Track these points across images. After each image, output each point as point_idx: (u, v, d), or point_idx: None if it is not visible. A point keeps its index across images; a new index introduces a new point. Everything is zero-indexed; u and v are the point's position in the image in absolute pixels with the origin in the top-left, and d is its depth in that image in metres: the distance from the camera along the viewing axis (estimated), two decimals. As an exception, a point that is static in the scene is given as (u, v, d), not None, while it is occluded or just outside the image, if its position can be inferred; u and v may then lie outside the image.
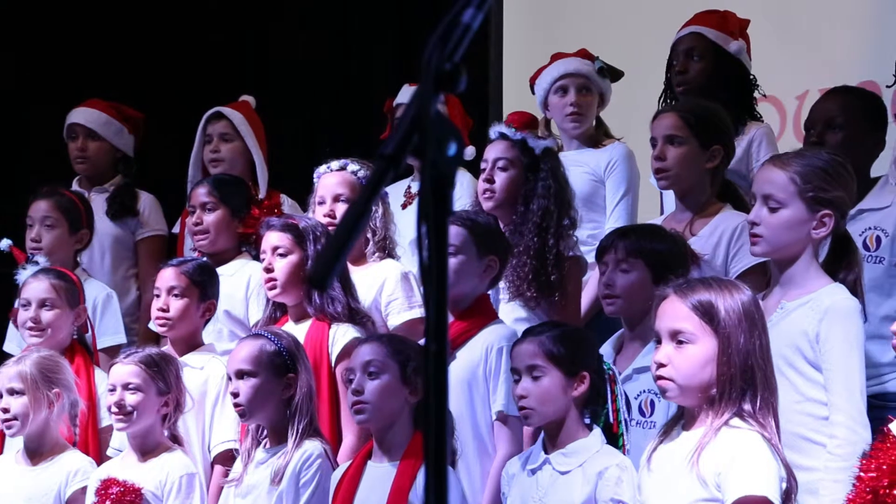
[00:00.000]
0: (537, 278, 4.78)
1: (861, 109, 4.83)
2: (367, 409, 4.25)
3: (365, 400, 4.24)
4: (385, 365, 4.25)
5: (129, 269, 6.17)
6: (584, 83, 5.56)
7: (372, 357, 4.26)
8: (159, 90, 7.31)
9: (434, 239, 1.75)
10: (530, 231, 4.83)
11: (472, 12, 1.75)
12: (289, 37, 7.80)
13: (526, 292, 4.78)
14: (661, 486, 3.43)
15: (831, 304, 3.83)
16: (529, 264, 4.78)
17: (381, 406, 4.23)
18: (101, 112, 6.29)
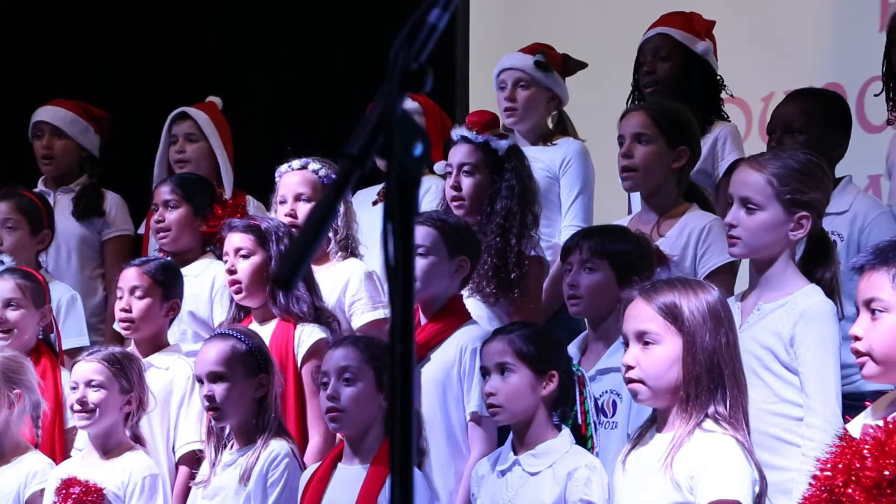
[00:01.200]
0: (497, 276, 4.79)
1: (821, 112, 4.84)
2: (342, 417, 4.24)
3: (341, 407, 4.23)
4: (361, 371, 4.24)
5: (96, 270, 6.14)
6: (521, 77, 5.52)
7: (348, 363, 4.25)
8: (126, 90, 7.28)
9: (400, 239, 1.74)
10: (493, 231, 4.84)
11: (437, 13, 1.75)
12: (255, 37, 7.79)
13: (485, 289, 4.80)
14: (635, 488, 3.44)
15: (807, 307, 3.84)
16: (490, 262, 4.80)
17: (357, 413, 4.23)
18: (67, 111, 6.26)
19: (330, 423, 4.31)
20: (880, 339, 3.05)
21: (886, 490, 2.91)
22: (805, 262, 3.95)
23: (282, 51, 7.79)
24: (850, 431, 3.09)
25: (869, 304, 3.07)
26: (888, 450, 2.93)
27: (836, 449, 3.05)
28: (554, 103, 5.58)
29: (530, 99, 5.52)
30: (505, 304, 4.85)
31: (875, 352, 3.06)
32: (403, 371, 1.72)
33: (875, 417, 3.08)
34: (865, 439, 2.99)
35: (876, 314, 3.06)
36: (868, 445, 2.96)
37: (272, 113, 7.76)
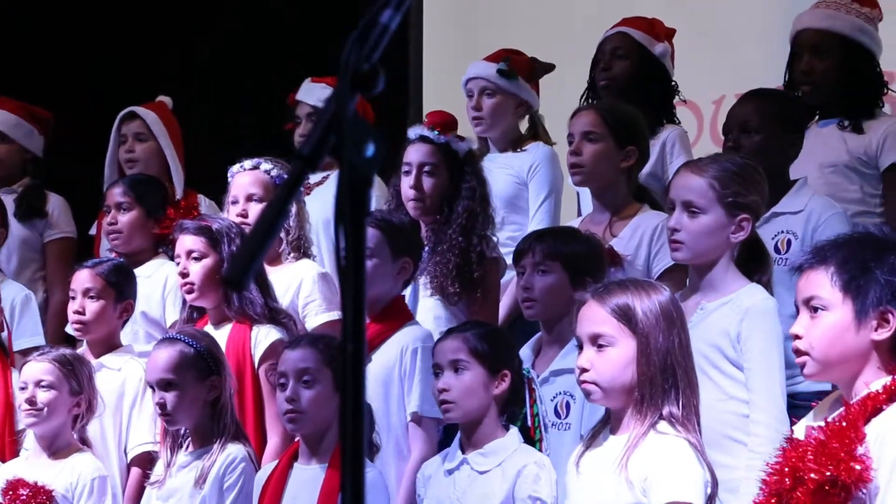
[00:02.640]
0: (461, 275, 4.80)
1: (776, 112, 4.87)
2: (301, 419, 4.23)
3: (300, 409, 4.23)
4: (320, 372, 4.23)
5: (37, 272, 6.09)
6: (486, 86, 5.55)
7: (306, 365, 4.24)
8: (75, 90, 7.24)
9: (351, 240, 1.75)
10: (455, 231, 4.84)
11: (389, 13, 1.75)
12: (205, 36, 7.76)
13: (448, 288, 4.80)
14: (590, 489, 3.45)
15: (751, 304, 3.88)
16: (453, 261, 4.80)
17: (316, 415, 4.22)
18: (11, 114, 6.20)
19: (288, 423, 4.30)
20: (820, 338, 3.07)
21: (830, 491, 2.93)
22: (741, 266, 3.99)
23: (233, 50, 7.77)
24: (795, 434, 3.11)
25: (808, 303, 3.10)
26: (829, 450, 2.95)
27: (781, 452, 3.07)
28: (523, 108, 5.60)
29: (496, 107, 5.54)
30: (464, 305, 4.85)
31: (815, 350, 3.08)
32: (355, 370, 1.72)
33: (818, 419, 3.10)
34: (809, 441, 3.01)
35: (815, 313, 3.08)
36: (811, 448, 2.98)
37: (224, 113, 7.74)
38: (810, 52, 5.11)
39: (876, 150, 5.01)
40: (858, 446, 2.94)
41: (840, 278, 3.05)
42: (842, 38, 5.08)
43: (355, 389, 1.71)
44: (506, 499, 3.96)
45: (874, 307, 3.03)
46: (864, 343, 3.05)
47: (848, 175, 5.03)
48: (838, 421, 2.99)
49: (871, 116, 5.07)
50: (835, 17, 5.13)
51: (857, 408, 2.99)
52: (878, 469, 2.93)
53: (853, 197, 5.01)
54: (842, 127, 5.06)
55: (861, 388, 3.04)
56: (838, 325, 3.06)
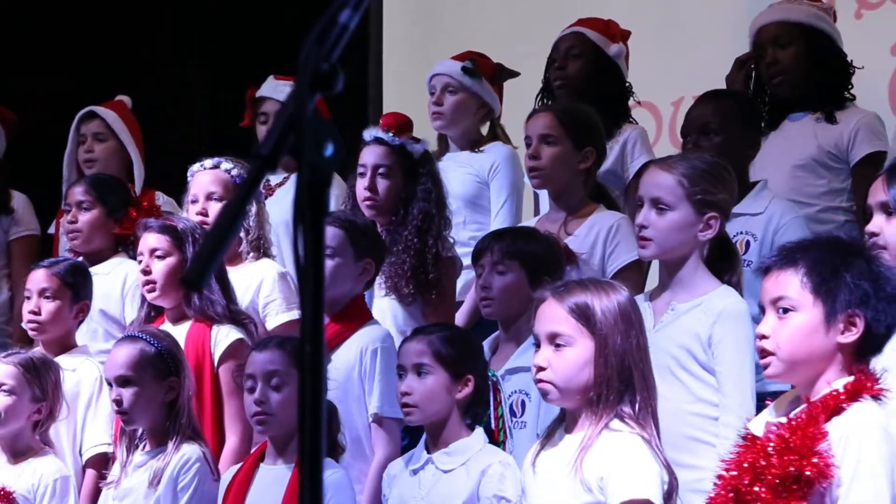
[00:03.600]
0: (416, 276, 4.81)
1: (735, 113, 4.90)
2: (270, 421, 4.22)
3: (269, 411, 4.21)
4: (288, 375, 4.21)
5: (2, 269, 6.07)
6: (449, 83, 5.55)
7: (275, 367, 4.23)
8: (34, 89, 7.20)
9: (310, 239, 1.74)
10: (411, 233, 4.85)
11: (348, 13, 1.75)
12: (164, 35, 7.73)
13: (403, 289, 4.81)
14: (546, 489, 3.45)
15: (723, 307, 3.87)
16: (408, 262, 4.81)
17: (284, 417, 4.21)
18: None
19: (257, 426, 4.28)
20: (787, 338, 3.09)
21: (792, 486, 2.95)
22: (710, 265, 4.00)
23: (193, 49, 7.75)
24: (751, 430, 3.13)
25: (776, 304, 3.11)
26: (792, 446, 2.97)
27: (739, 448, 3.09)
28: (484, 110, 5.61)
29: (458, 104, 5.55)
30: (420, 305, 4.86)
31: (781, 351, 3.09)
32: (313, 370, 1.72)
33: (777, 415, 3.11)
34: (769, 437, 3.03)
35: (783, 313, 3.10)
36: (773, 443, 3.00)
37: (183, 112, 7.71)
38: (772, 44, 5.15)
39: (847, 144, 5.04)
40: (821, 443, 2.96)
41: (811, 280, 3.07)
42: (801, 25, 5.12)
43: (314, 389, 1.71)
44: (470, 498, 3.96)
45: (842, 310, 3.05)
46: (831, 345, 3.07)
47: (816, 170, 5.05)
48: (800, 418, 3.01)
49: (842, 106, 5.09)
50: (789, 9, 5.18)
51: (820, 405, 3.01)
52: (840, 467, 2.95)
53: (820, 192, 5.04)
54: (815, 115, 5.08)
55: (823, 387, 3.06)
56: (807, 326, 3.08)
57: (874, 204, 3.54)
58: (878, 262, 3.09)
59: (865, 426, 2.99)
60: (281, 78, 6.13)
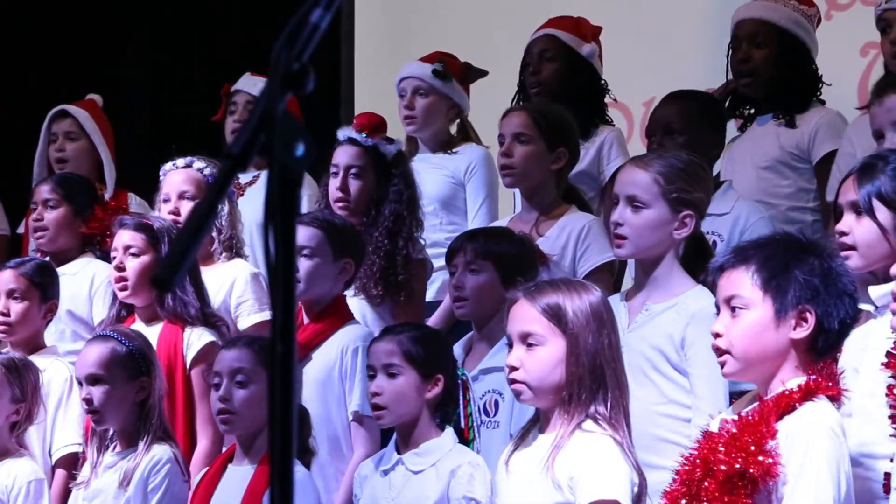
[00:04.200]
0: (385, 278, 4.80)
1: (699, 113, 4.92)
2: (233, 419, 4.22)
3: (233, 409, 4.21)
4: (254, 373, 4.21)
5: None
6: (420, 86, 5.56)
7: (241, 365, 4.22)
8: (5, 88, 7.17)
9: (282, 239, 1.74)
10: (381, 234, 4.85)
11: (319, 12, 1.75)
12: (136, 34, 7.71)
13: (372, 290, 4.80)
14: (518, 489, 3.46)
15: (697, 309, 3.88)
16: (378, 263, 4.81)
17: (248, 416, 4.20)
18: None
19: (221, 424, 4.28)
20: (740, 337, 3.11)
21: (738, 483, 2.97)
22: (685, 264, 4.00)
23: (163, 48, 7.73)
24: (710, 427, 3.15)
25: (729, 302, 3.13)
26: (740, 444, 2.99)
27: (696, 444, 3.11)
28: (454, 111, 5.63)
29: (429, 107, 5.55)
30: (389, 305, 4.86)
31: (735, 348, 3.11)
32: (284, 371, 1.72)
33: (734, 413, 3.14)
34: (721, 433, 3.05)
35: (736, 312, 3.12)
36: (723, 440, 3.02)
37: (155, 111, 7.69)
38: (748, 42, 5.17)
39: (808, 144, 5.06)
40: (769, 441, 2.98)
41: (760, 277, 3.09)
42: (778, 28, 5.13)
43: (285, 390, 1.70)
44: (440, 499, 3.96)
45: (793, 306, 3.07)
46: (783, 342, 3.09)
47: (781, 171, 5.08)
48: (751, 415, 3.03)
49: (804, 109, 5.11)
50: (773, 9, 5.18)
51: (771, 404, 3.04)
52: (786, 465, 2.97)
53: (786, 192, 5.06)
54: (777, 119, 5.10)
55: (777, 386, 3.08)
56: (758, 323, 3.10)
57: (844, 203, 3.56)
58: (829, 258, 3.11)
59: (813, 426, 3.01)
60: (257, 75, 6.14)
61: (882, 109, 3.98)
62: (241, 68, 6.31)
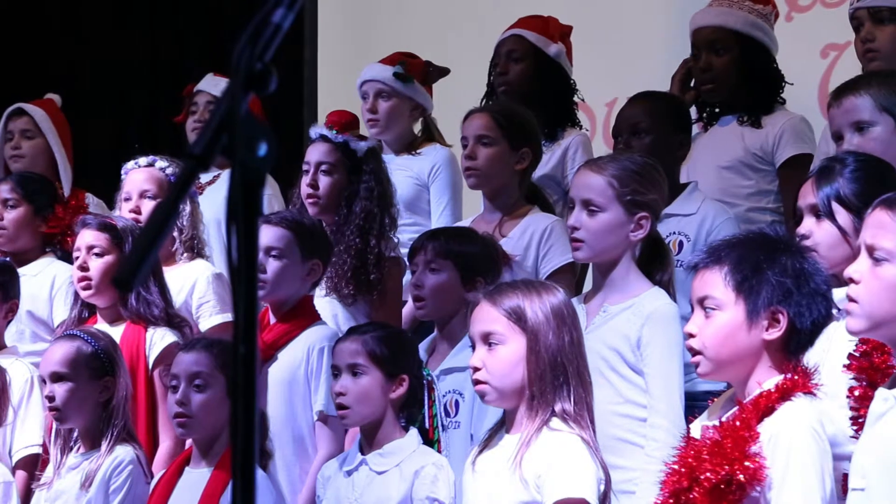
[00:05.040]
0: (356, 277, 4.79)
1: (664, 112, 4.93)
2: (190, 423, 4.21)
3: (189, 413, 4.20)
4: (212, 377, 4.20)
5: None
6: (382, 89, 5.56)
7: (199, 369, 4.21)
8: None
9: (244, 240, 1.73)
10: (353, 232, 4.83)
11: (282, 12, 1.74)
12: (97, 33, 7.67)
13: (343, 289, 4.79)
14: (486, 489, 3.46)
15: (653, 309, 3.90)
16: (349, 263, 4.79)
17: (206, 420, 4.20)
18: None
19: (177, 427, 4.27)
20: (712, 337, 3.11)
21: (726, 490, 2.96)
22: (642, 265, 4.02)
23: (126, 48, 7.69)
24: (691, 433, 3.14)
25: (702, 303, 3.14)
26: (724, 450, 2.98)
27: (678, 452, 3.10)
28: (418, 111, 5.62)
29: (392, 109, 5.55)
30: (363, 305, 4.84)
31: (708, 350, 3.11)
32: (246, 372, 1.71)
33: (712, 418, 3.13)
34: (704, 441, 3.04)
35: (709, 312, 3.12)
36: (706, 447, 3.02)
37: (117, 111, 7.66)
38: (707, 49, 5.17)
39: (772, 146, 5.08)
40: (752, 445, 2.97)
41: (733, 278, 3.09)
42: (736, 33, 5.14)
43: (246, 392, 1.69)
44: (403, 499, 3.96)
45: (765, 307, 3.07)
46: (756, 342, 3.09)
47: (743, 171, 5.09)
48: (732, 420, 3.03)
49: (769, 111, 5.12)
50: (728, 14, 5.18)
51: (751, 407, 3.03)
52: (771, 467, 2.97)
53: (747, 193, 5.07)
54: (741, 122, 5.11)
55: (754, 387, 3.08)
56: (730, 324, 3.10)
57: (804, 206, 3.58)
58: (801, 258, 3.12)
59: (794, 426, 3.00)
60: (220, 75, 6.13)
61: (840, 111, 4.00)
62: (206, 66, 6.29)
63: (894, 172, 3.69)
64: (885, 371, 3.11)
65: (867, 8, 4.84)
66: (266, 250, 4.49)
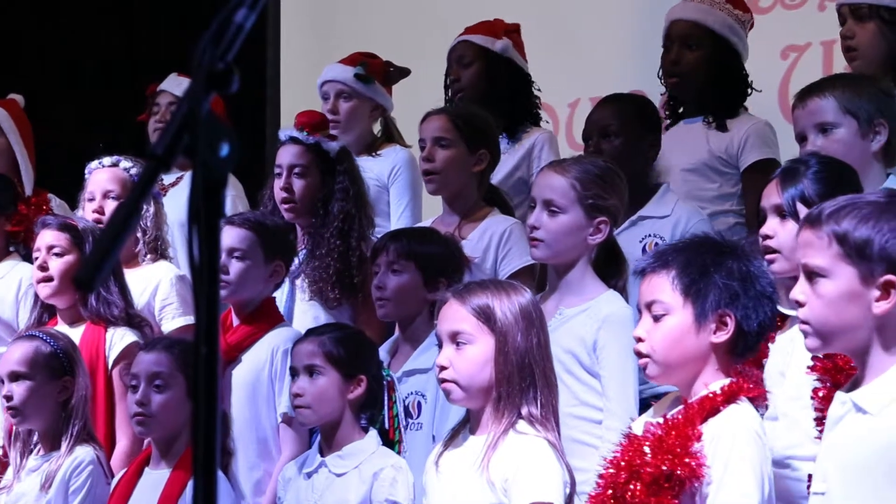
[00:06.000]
0: (341, 280, 4.76)
1: (634, 115, 4.94)
2: (149, 423, 4.20)
3: (149, 413, 4.18)
4: (172, 378, 4.19)
5: None
6: (343, 90, 5.54)
7: (159, 369, 4.20)
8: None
9: (206, 240, 1.72)
10: (332, 234, 4.80)
11: (244, 12, 1.74)
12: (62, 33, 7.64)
13: (329, 294, 4.76)
14: (450, 489, 3.46)
15: (609, 313, 3.91)
16: (333, 266, 4.76)
17: (166, 420, 4.19)
18: None
19: (136, 426, 4.26)
20: (661, 340, 3.13)
21: (664, 485, 2.99)
22: (598, 270, 4.03)
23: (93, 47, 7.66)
24: (634, 429, 3.17)
25: (650, 307, 3.16)
26: (666, 446, 3.01)
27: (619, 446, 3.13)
28: (378, 112, 5.60)
29: (352, 110, 5.53)
30: (347, 308, 4.81)
31: (656, 353, 3.14)
32: (208, 373, 1.71)
33: (657, 416, 3.16)
34: (647, 436, 3.07)
35: (657, 316, 3.14)
36: (649, 442, 3.04)
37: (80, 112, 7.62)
38: (680, 43, 5.17)
39: (737, 150, 5.09)
40: (694, 443, 3.00)
41: (681, 282, 3.12)
42: (711, 32, 5.14)
43: (208, 393, 1.69)
44: (362, 501, 3.95)
45: (713, 310, 3.10)
46: (704, 346, 3.12)
47: (707, 174, 5.10)
48: (677, 418, 3.05)
49: (734, 115, 5.14)
50: (707, 12, 5.19)
51: (696, 406, 3.06)
52: (711, 466, 3.00)
53: (711, 195, 5.09)
54: (707, 123, 5.12)
55: (700, 389, 3.11)
56: (678, 328, 3.12)
57: (768, 206, 3.59)
58: (747, 261, 3.14)
59: (737, 427, 3.04)
60: (183, 75, 6.10)
61: (805, 112, 4.02)
62: (169, 66, 6.28)
63: (856, 175, 3.72)
64: (849, 372, 3.13)
65: (848, 5, 4.85)
66: (229, 251, 4.48)
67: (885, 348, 2.84)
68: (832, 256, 2.85)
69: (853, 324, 2.85)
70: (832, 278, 2.85)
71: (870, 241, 2.82)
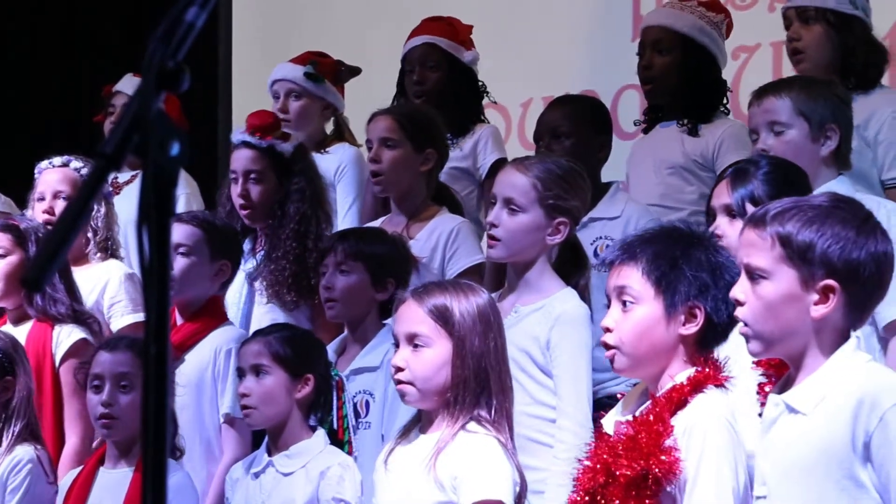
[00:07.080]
0: (297, 282, 4.73)
1: (584, 116, 4.95)
2: (116, 424, 4.18)
3: (115, 414, 4.16)
4: (137, 377, 4.16)
5: None
6: (293, 88, 5.52)
7: (125, 369, 4.18)
8: None
9: (156, 239, 1.72)
10: (288, 237, 4.77)
11: (195, 11, 1.73)
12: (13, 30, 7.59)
13: (285, 296, 4.73)
14: (399, 488, 3.46)
15: (562, 311, 3.90)
16: (289, 268, 4.73)
17: (131, 420, 4.16)
18: None
19: (101, 428, 4.23)
20: (630, 332, 3.10)
21: (642, 485, 2.98)
22: (559, 269, 4.03)
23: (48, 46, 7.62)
24: (604, 428, 3.15)
25: (620, 296, 3.13)
26: (639, 445, 2.99)
27: (592, 448, 3.11)
28: (329, 111, 5.59)
29: (303, 109, 5.51)
30: (305, 309, 4.79)
31: (625, 345, 3.11)
32: (158, 372, 1.70)
33: (625, 412, 3.14)
34: (619, 436, 3.05)
35: (626, 306, 3.12)
36: (621, 442, 3.03)
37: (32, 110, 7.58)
38: (651, 48, 5.18)
39: (713, 154, 5.10)
40: (666, 439, 2.98)
41: (651, 274, 3.10)
42: (682, 36, 5.14)
43: (158, 391, 1.69)
44: (309, 500, 3.95)
45: (682, 302, 3.08)
46: (673, 337, 3.09)
47: (685, 177, 5.11)
48: (646, 415, 3.04)
49: (708, 120, 5.14)
50: (678, 17, 5.19)
51: (664, 401, 3.02)
52: (686, 460, 2.98)
53: (690, 198, 5.09)
54: (680, 125, 5.13)
55: (666, 381, 3.08)
56: (649, 319, 3.09)
57: (717, 206, 3.61)
58: (715, 251, 3.14)
59: (707, 417, 3.01)
60: (139, 76, 6.07)
61: (760, 110, 4.05)
62: (123, 65, 6.25)
63: (806, 178, 3.74)
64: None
65: (795, 7, 4.88)
66: (174, 247, 4.45)
67: (820, 350, 2.85)
68: (775, 258, 2.86)
69: (791, 327, 2.85)
70: (773, 280, 2.86)
71: (812, 244, 2.83)
